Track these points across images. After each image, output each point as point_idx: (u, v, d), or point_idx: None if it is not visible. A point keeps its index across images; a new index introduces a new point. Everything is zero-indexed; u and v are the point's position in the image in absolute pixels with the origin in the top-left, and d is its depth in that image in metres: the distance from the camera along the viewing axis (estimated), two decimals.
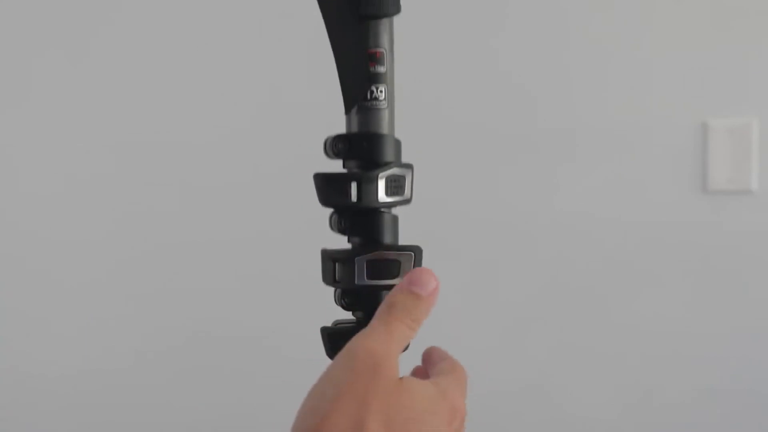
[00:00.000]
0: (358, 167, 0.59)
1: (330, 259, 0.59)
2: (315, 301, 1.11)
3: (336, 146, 0.59)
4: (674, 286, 1.53)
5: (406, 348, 0.58)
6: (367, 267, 0.59)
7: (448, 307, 1.62)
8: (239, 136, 1.69)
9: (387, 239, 0.60)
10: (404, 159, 0.61)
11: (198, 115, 1.71)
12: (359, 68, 0.59)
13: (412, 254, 0.60)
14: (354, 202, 0.58)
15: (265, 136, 1.68)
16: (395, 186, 0.59)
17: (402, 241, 0.61)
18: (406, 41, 0.70)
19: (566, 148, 1.56)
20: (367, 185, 0.58)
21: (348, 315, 0.62)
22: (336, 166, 0.61)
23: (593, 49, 1.55)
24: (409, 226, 0.67)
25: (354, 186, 0.58)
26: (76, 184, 1.76)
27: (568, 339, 1.57)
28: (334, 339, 0.59)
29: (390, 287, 0.58)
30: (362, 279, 0.59)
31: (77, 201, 1.76)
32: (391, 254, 0.59)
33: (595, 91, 1.55)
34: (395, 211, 0.61)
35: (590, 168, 1.55)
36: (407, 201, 0.60)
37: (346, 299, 0.60)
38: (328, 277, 0.60)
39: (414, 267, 0.59)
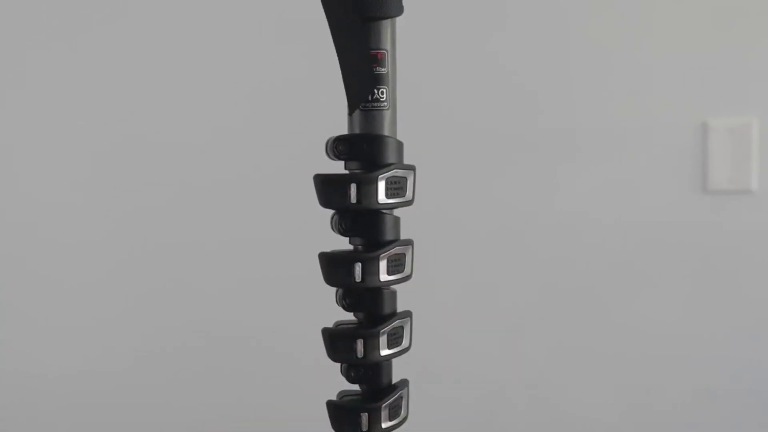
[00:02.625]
0: (360, 168, 0.59)
1: (345, 260, 0.59)
2: (315, 302, 1.11)
3: (337, 148, 0.59)
4: (674, 286, 1.53)
5: (406, 350, 0.58)
6: (388, 264, 0.59)
7: (448, 307, 1.62)
8: (239, 136, 1.69)
9: (388, 240, 0.60)
10: (405, 159, 0.60)
11: (198, 114, 1.71)
12: (363, 70, 0.58)
13: (411, 244, 0.60)
14: (354, 204, 0.58)
15: (266, 136, 1.68)
16: (396, 187, 0.59)
17: None
18: (406, 41, 0.70)
19: (566, 148, 1.56)
20: (366, 187, 0.58)
21: (348, 316, 0.62)
22: (337, 167, 0.61)
23: (593, 49, 1.55)
24: (409, 226, 0.67)
25: (354, 187, 0.57)
26: (75, 184, 1.75)
27: (568, 339, 1.57)
28: (335, 340, 0.59)
29: (401, 281, 0.58)
30: (386, 275, 0.59)
31: (77, 201, 1.76)
32: (402, 248, 0.59)
33: (595, 91, 1.55)
34: (397, 212, 0.61)
35: (590, 168, 1.55)
36: (409, 202, 0.60)
37: (347, 300, 0.60)
38: (341, 278, 0.59)
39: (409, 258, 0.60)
